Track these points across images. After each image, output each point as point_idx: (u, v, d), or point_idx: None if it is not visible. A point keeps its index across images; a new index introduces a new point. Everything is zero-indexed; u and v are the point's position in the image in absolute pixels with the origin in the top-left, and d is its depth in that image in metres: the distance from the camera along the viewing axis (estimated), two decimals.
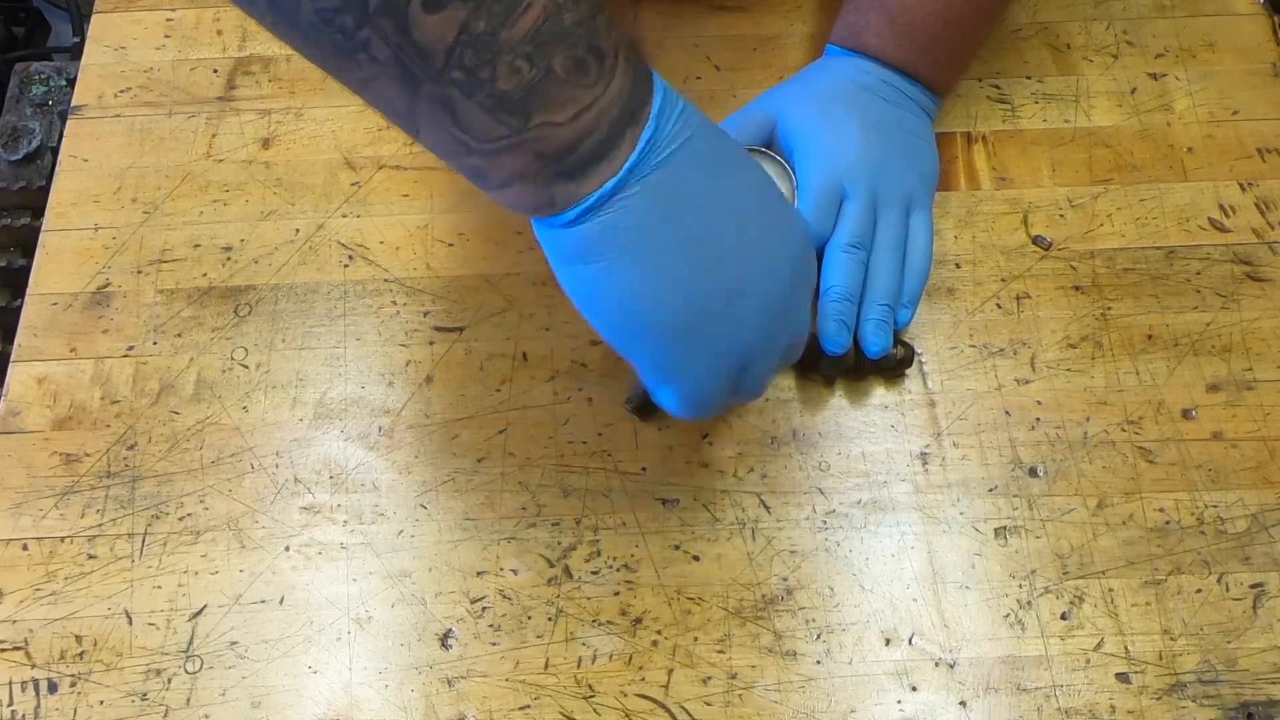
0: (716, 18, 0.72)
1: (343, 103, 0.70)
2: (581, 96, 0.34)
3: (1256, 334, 0.62)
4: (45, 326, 0.63)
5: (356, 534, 0.58)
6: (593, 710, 0.54)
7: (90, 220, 0.66)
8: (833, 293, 0.58)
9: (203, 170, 0.68)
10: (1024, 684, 0.54)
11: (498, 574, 0.57)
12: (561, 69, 0.34)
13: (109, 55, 0.72)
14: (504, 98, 0.34)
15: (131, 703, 0.55)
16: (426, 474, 0.59)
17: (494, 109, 0.34)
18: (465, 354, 0.62)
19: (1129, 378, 0.61)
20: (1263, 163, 0.67)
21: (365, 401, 0.61)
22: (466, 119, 0.35)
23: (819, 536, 0.58)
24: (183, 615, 0.56)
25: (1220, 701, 0.54)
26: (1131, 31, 0.71)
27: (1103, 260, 0.64)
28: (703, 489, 0.59)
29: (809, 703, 0.54)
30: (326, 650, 0.56)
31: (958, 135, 0.68)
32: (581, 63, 0.34)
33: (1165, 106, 0.69)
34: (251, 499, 0.59)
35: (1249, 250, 0.64)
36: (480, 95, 0.34)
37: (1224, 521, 0.57)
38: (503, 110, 0.34)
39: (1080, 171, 0.67)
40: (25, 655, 0.56)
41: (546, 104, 0.34)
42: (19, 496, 0.59)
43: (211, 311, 0.64)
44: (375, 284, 0.64)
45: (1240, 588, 0.56)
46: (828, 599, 0.56)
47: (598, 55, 0.34)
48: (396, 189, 0.67)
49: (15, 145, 0.71)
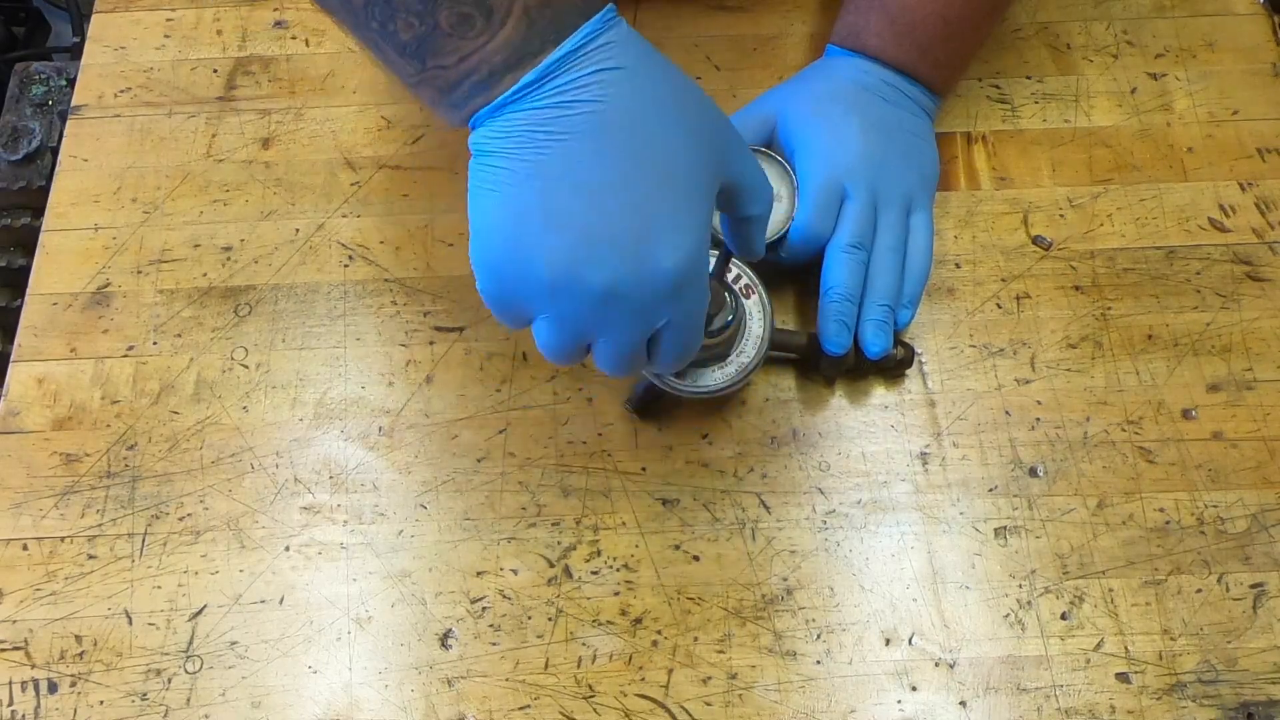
0: (716, 18, 0.72)
1: (343, 103, 0.70)
2: (464, 46, 0.41)
3: (1256, 334, 0.62)
4: (45, 326, 0.64)
5: (356, 534, 0.58)
6: (593, 710, 0.54)
7: (90, 220, 0.66)
8: (833, 293, 0.58)
9: (203, 170, 0.68)
10: (1024, 684, 0.54)
11: (498, 574, 0.57)
12: (446, 24, 0.40)
13: (109, 55, 0.72)
14: (404, 46, 0.42)
15: (131, 703, 0.55)
16: (426, 474, 0.59)
17: (401, 54, 0.42)
18: (465, 354, 0.62)
19: (1129, 378, 0.61)
20: (1263, 163, 0.67)
21: (365, 401, 0.61)
22: (389, 59, 0.43)
23: (819, 536, 0.58)
24: (183, 615, 0.56)
25: (1220, 701, 0.54)
26: (1131, 31, 0.71)
27: (1103, 260, 0.64)
28: (703, 489, 0.59)
29: (809, 703, 0.54)
30: (326, 650, 0.56)
31: (958, 135, 0.68)
32: (466, 17, 0.40)
33: (1165, 106, 0.69)
34: (251, 499, 0.59)
35: (1249, 250, 0.64)
36: (391, 42, 0.42)
37: (1224, 521, 0.57)
38: (406, 55, 0.42)
39: (1080, 171, 0.67)
40: (25, 655, 0.56)
41: (434, 52, 0.41)
42: (19, 496, 0.59)
43: (211, 311, 0.64)
44: (375, 284, 0.64)
45: (1240, 588, 0.56)
46: (828, 599, 0.56)
47: (484, 11, 0.40)
48: (396, 189, 0.67)
49: (15, 145, 0.71)
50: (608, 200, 0.41)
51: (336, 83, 0.70)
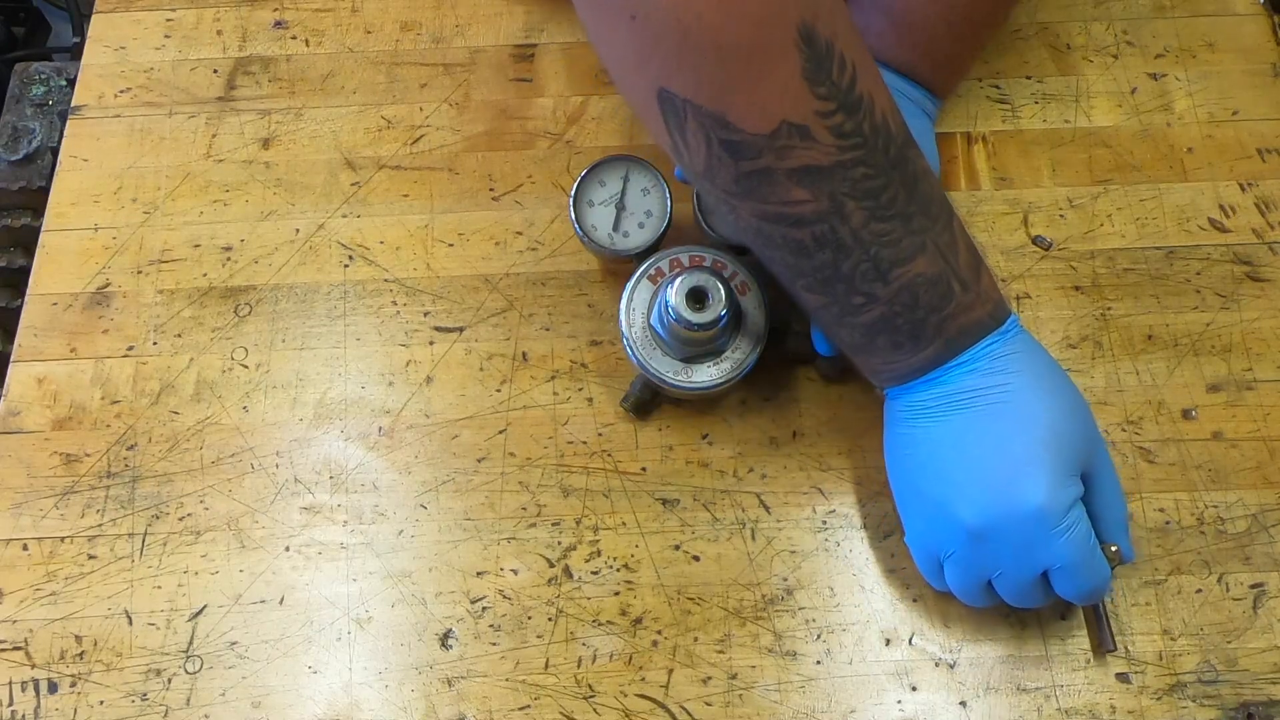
0: None
1: (342, 103, 0.70)
2: (892, 358, 0.51)
3: (1256, 334, 0.62)
4: (45, 326, 0.63)
5: (356, 534, 0.58)
6: (593, 710, 0.54)
7: (90, 220, 0.66)
8: None
9: (203, 170, 0.68)
10: (1024, 684, 0.54)
11: (498, 574, 0.57)
12: (881, 344, 0.50)
13: (109, 55, 0.72)
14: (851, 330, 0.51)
15: (131, 703, 0.55)
16: (426, 474, 0.59)
17: (849, 331, 0.52)
18: (465, 354, 0.62)
19: (1129, 378, 0.61)
20: (1263, 163, 0.67)
21: (365, 401, 0.61)
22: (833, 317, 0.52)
23: (819, 536, 0.58)
24: (183, 615, 0.56)
25: (1220, 701, 0.54)
26: (1131, 31, 0.71)
27: (1103, 260, 0.64)
28: (703, 489, 0.59)
29: (809, 703, 0.54)
30: (326, 650, 0.56)
31: (958, 135, 0.68)
32: (898, 345, 0.50)
33: (1165, 106, 0.69)
34: (251, 499, 0.59)
35: (1249, 250, 0.64)
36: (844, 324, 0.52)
37: (1224, 521, 0.57)
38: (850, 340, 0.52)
39: (1080, 171, 0.67)
40: (25, 655, 0.56)
41: (868, 352, 0.52)
42: (19, 496, 0.59)
43: (211, 311, 0.64)
44: (375, 284, 0.64)
45: (1240, 588, 0.56)
46: (828, 599, 0.56)
47: (914, 338, 0.49)
48: (396, 189, 0.67)
49: (15, 145, 0.71)
50: (984, 455, 0.49)
51: (336, 83, 0.70)
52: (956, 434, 0.50)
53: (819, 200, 0.46)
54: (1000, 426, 0.49)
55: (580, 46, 0.71)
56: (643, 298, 0.58)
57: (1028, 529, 0.48)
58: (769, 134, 0.44)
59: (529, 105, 0.69)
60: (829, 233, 0.47)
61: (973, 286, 0.49)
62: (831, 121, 0.44)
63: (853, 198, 0.46)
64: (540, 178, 0.67)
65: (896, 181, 0.47)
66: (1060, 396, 0.50)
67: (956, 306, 0.49)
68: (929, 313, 0.49)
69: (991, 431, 0.49)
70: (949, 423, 0.50)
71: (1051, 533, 0.48)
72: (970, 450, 0.49)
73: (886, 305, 0.49)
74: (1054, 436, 0.48)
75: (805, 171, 0.45)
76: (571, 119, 0.69)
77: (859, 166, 0.46)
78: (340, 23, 0.72)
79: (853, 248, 0.47)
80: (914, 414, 0.52)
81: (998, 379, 0.49)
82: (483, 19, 0.72)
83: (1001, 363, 0.49)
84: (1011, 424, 0.49)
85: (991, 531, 0.49)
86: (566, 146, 0.68)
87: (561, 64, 0.71)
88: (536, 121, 0.69)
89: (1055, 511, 0.48)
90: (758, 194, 0.47)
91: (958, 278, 0.49)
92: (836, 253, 0.48)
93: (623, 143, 0.68)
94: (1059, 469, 0.48)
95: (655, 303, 0.57)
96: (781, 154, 0.45)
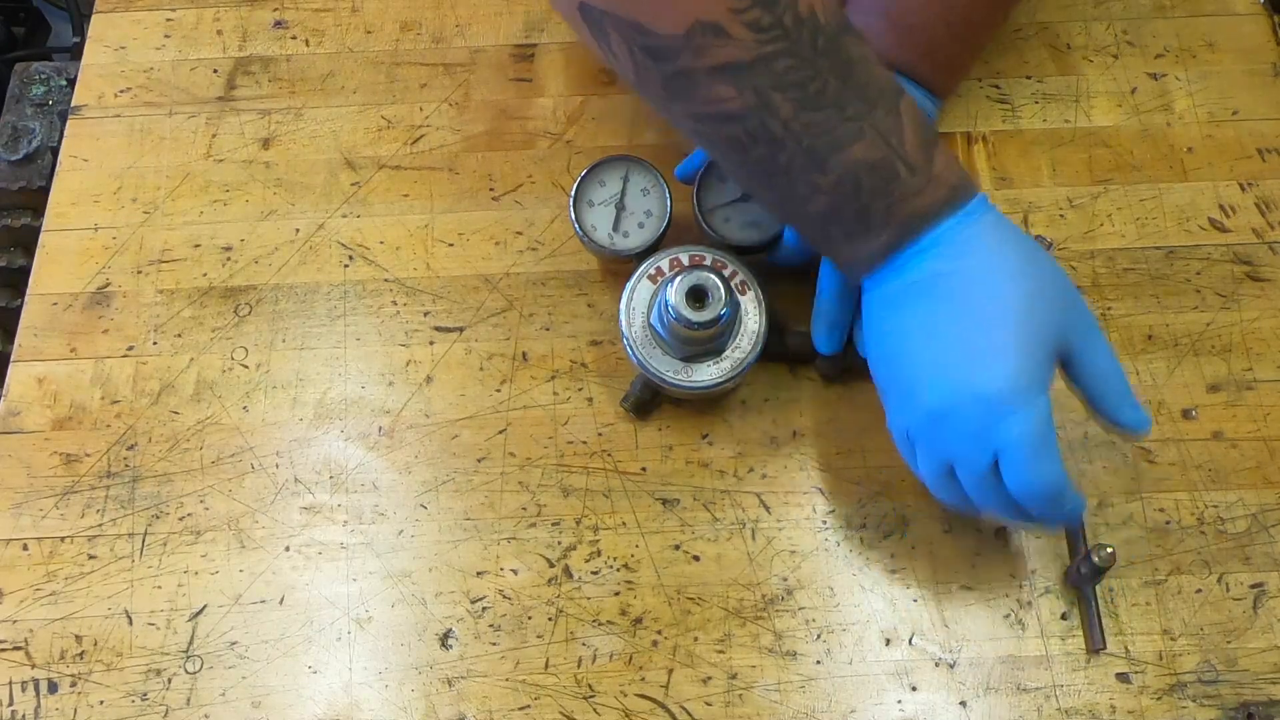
0: None
1: (342, 103, 0.70)
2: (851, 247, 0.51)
3: (1256, 334, 0.62)
4: (45, 326, 0.64)
5: (356, 534, 0.58)
6: (593, 710, 0.54)
7: (90, 220, 0.66)
8: (825, 294, 0.58)
9: (203, 170, 0.68)
10: (1024, 684, 0.54)
11: (498, 574, 0.57)
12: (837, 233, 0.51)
13: (109, 55, 0.72)
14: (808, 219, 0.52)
15: (131, 703, 0.55)
16: (426, 474, 0.59)
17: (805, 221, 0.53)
18: (465, 354, 0.62)
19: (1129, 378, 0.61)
20: (1263, 163, 0.67)
21: (365, 401, 0.61)
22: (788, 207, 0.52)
23: (819, 536, 0.58)
24: (183, 615, 0.56)
25: (1220, 701, 0.54)
26: (1131, 31, 0.71)
27: (1103, 260, 0.64)
28: (703, 489, 0.59)
29: (809, 703, 0.54)
30: (326, 650, 0.56)
31: (958, 135, 0.68)
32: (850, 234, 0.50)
33: (1165, 106, 0.69)
34: (251, 499, 0.59)
35: (1249, 250, 0.64)
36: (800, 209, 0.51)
37: (1224, 521, 0.57)
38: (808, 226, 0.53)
39: (1080, 171, 0.67)
40: (25, 655, 0.56)
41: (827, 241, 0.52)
42: (19, 496, 0.59)
43: (211, 311, 0.64)
44: (375, 284, 0.64)
45: (1240, 588, 0.56)
46: (828, 599, 0.56)
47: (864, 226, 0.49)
48: (396, 189, 0.67)
49: (15, 145, 0.71)
50: (947, 341, 0.48)
51: (336, 83, 0.70)
52: (923, 320, 0.49)
53: (744, 96, 0.46)
54: (964, 310, 0.48)
55: (581, 46, 0.71)
56: (643, 297, 0.58)
57: (980, 409, 0.47)
58: (684, 34, 0.45)
59: (529, 105, 0.69)
60: (760, 127, 0.47)
61: (923, 169, 0.48)
62: (747, 17, 0.45)
63: (778, 90, 0.46)
64: (540, 178, 0.67)
65: (826, 70, 0.47)
66: (1030, 277, 0.49)
67: (905, 189, 0.48)
68: (874, 198, 0.48)
69: (956, 315, 0.48)
70: (916, 310, 0.49)
71: (1002, 411, 0.47)
72: (935, 334, 0.49)
73: (830, 194, 0.49)
74: (1020, 316, 0.47)
75: (725, 68, 0.46)
76: (571, 119, 0.69)
77: (782, 59, 0.46)
78: (340, 23, 0.72)
79: (785, 139, 0.47)
80: (885, 305, 0.51)
81: (959, 262, 0.49)
82: (483, 19, 0.72)
83: (964, 246, 0.49)
84: (975, 306, 0.48)
85: (949, 412, 0.48)
86: (566, 146, 0.68)
87: (561, 64, 0.71)
88: (536, 121, 0.69)
89: (1011, 391, 0.47)
90: (684, 95, 0.48)
91: (904, 161, 0.48)
92: (770, 145, 0.48)
93: (623, 143, 0.68)
94: (1022, 350, 0.47)
95: (655, 302, 0.57)
96: (699, 53, 0.46)
